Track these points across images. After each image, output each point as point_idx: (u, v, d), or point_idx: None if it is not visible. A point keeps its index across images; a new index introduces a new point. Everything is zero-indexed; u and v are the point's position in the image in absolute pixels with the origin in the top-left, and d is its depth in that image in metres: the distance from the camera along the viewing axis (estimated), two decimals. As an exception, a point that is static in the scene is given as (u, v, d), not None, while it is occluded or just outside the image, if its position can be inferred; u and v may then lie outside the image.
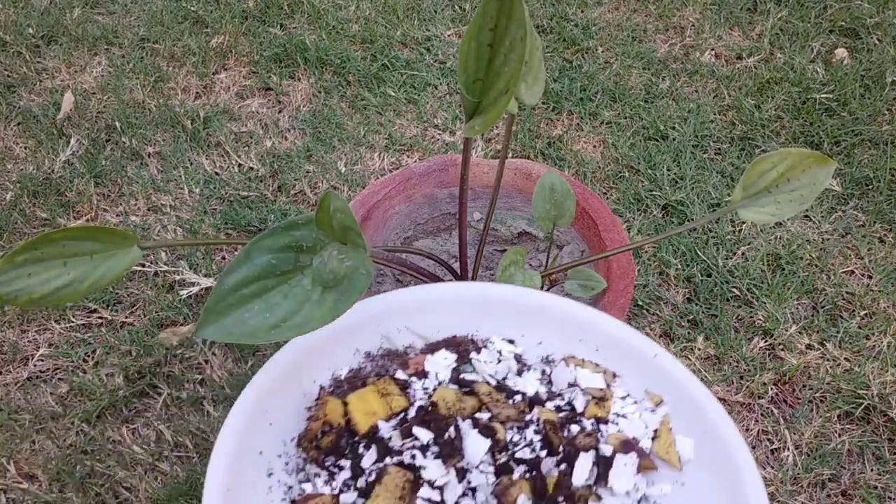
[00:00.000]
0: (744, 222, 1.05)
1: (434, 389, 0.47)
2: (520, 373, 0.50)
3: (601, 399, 0.48)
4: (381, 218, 0.79)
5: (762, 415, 0.87)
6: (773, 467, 0.83)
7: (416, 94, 1.24)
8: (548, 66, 1.30)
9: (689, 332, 0.94)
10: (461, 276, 0.70)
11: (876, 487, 0.82)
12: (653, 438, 0.47)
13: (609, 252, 0.66)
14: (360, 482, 0.42)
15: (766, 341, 0.93)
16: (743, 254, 1.02)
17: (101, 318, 0.96)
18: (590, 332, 0.51)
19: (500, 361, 0.50)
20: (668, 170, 1.12)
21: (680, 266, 1.00)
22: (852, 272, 1.01)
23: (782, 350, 0.92)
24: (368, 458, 0.43)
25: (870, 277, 1.00)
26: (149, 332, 0.94)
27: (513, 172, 0.81)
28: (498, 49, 0.48)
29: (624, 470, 0.44)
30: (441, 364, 0.49)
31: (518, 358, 0.51)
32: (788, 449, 0.84)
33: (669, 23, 1.39)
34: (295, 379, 0.48)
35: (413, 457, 0.42)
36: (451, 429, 0.44)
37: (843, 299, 0.97)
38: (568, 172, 1.12)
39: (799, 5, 1.41)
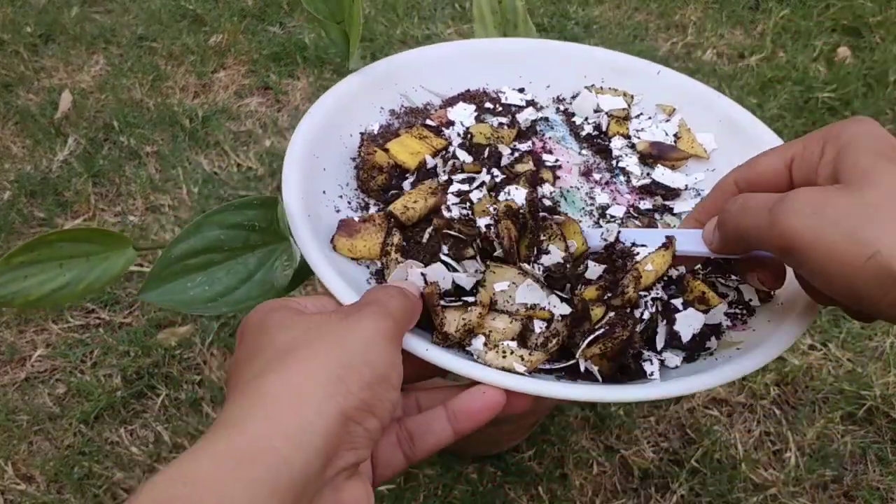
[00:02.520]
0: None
1: (469, 128, 0.51)
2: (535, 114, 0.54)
3: (623, 118, 0.53)
4: (380, 218, 0.78)
5: (764, 416, 0.87)
6: (775, 468, 0.82)
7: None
8: (548, 65, 1.29)
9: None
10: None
11: (878, 489, 0.81)
12: (675, 142, 0.52)
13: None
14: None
15: (768, 342, 0.92)
16: (745, 254, 1.01)
17: (99, 318, 0.95)
18: (591, 66, 0.55)
19: (516, 109, 0.54)
20: (670, 169, 1.11)
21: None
22: (855, 272, 1.00)
23: (784, 350, 0.91)
24: (408, 185, 0.47)
25: (872, 277, 0.99)
26: (147, 333, 0.93)
27: (513, 171, 0.80)
28: None
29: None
30: (463, 114, 0.52)
31: (531, 103, 0.54)
32: (791, 450, 0.83)
33: (671, 21, 1.38)
34: (333, 131, 0.50)
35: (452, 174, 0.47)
36: (489, 150, 0.48)
37: (846, 299, 0.97)
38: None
39: (801, 4, 1.40)
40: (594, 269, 0.41)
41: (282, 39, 1.33)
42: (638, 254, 0.41)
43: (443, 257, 0.40)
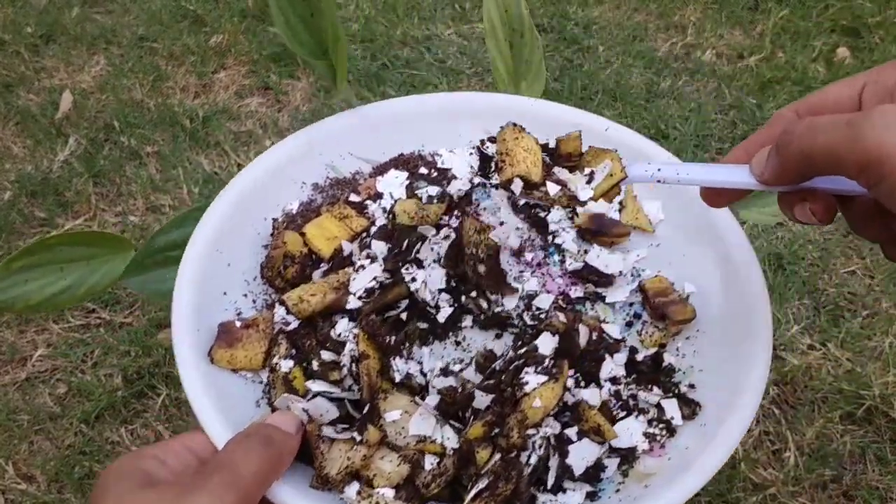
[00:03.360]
0: (744, 222, 1.05)
1: (394, 205, 0.45)
2: (471, 179, 0.48)
3: (566, 185, 0.47)
4: (380, 218, 0.79)
5: (764, 415, 0.87)
6: (774, 468, 0.83)
7: (416, 94, 1.24)
8: (548, 65, 1.29)
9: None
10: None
11: (878, 488, 0.81)
12: (619, 211, 0.47)
13: (610, 252, 0.66)
14: None
15: (767, 342, 0.92)
16: (744, 254, 1.01)
17: (99, 318, 0.95)
18: (538, 122, 0.49)
19: (452, 174, 0.48)
20: (669, 169, 1.11)
21: (681, 266, 1.00)
22: (854, 272, 1.00)
23: (784, 350, 0.91)
24: (319, 275, 0.43)
25: (872, 277, 0.99)
26: (147, 333, 0.93)
27: (513, 172, 0.80)
28: (318, 14, 0.51)
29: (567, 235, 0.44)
30: (393, 183, 0.48)
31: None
32: (790, 450, 0.84)
33: (670, 22, 1.38)
34: (245, 217, 0.46)
35: (363, 266, 0.42)
36: (412, 237, 0.43)
37: (845, 299, 0.97)
38: (568, 172, 1.12)
39: (800, 4, 1.41)
40: (481, 400, 0.38)
41: (282, 40, 1.33)
42: (527, 383, 0.37)
43: (320, 387, 0.38)
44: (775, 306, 0.95)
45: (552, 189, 0.43)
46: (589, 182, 0.43)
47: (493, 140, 0.44)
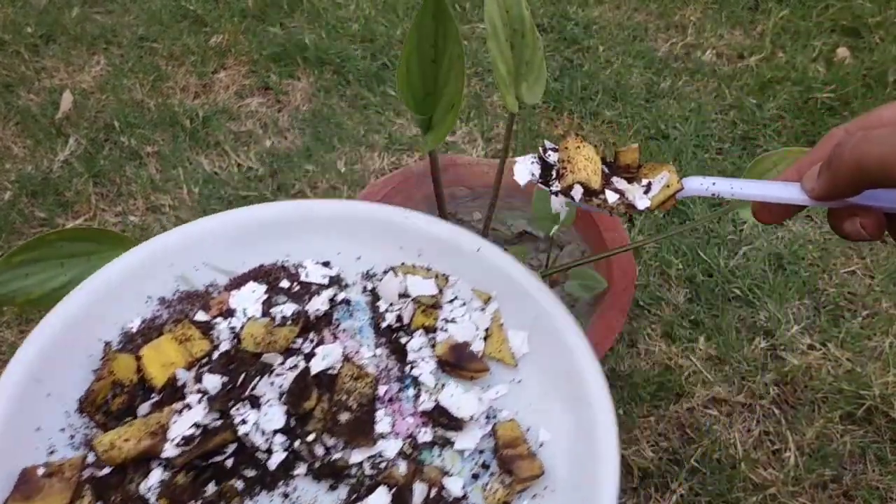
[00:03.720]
0: (745, 222, 1.05)
1: (242, 327, 0.42)
2: (335, 295, 0.46)
3: (431, 306, 0.45)
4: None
5: (764, 415, 0.87)
6: (774, 468, 0.83)
7: (416, 94, 1.24)
8: (549, 66, 1.29)
9: (690, 333, 0.93)
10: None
11: (878, 488, 0.81)
12: (485, 338, 0.44)
13: (610, 252, 0.66)
14: None
15: (767, 342, 0.93)
16: (744, 254, 1.01)
17: (99, 318, 0.95)
18: (408, 237, 0.48)
19: (316, 288, 0.46)
20: (669, 169, 1.11)
21: (681, 266, 1.00)
22: (854, 272, 1.00)
23: (784, 350, 0.91)
24: (145, 409, 0.39)
25: (872, 277, 0.99)
26: (147, 333, 0.93)
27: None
28: (440, 65, 0.48)
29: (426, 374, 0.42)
30: (249, 298, 0.44)
31: (336, 279, 0.47)
32: (790, 449, 0.84)
33: (670, 22, 1.38)
34: (77, 338, 0.42)
35: (189, 405, 0.39)
36: (252, 369, 0.40)
37: (845, 299, 0.97)
38: (568, 172, 1.12)
39: (800, 4, 1.41)
40: None
41: (282, 40, 1.33)
42: None
43: None
44: (775, 306, 0.95)
45: (611, 197, 0.41)
46: (646, 192, 0.42)
47: (554, 149, 0.44)
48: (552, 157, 0.44)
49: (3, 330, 0.94)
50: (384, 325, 0.45)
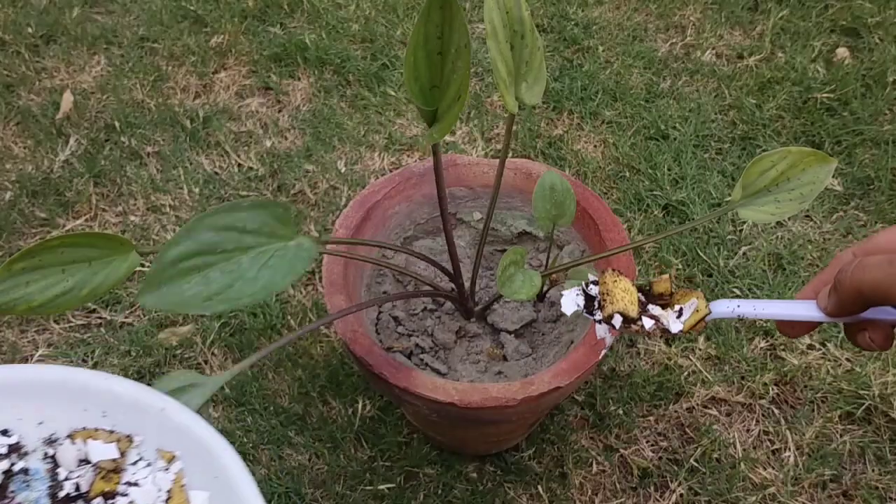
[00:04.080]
0: (745, 222, 1.05)
1: None
2: (13, 465, 0.43)
3: (113, 471, 0.44)
4: (380, 218, 0.79)
5: (763, 415, 0.87)
6: (773, 468, 0.83)
7: (416, 94, 1.24)
8: (548, 66, 1.29)
9: (689, 333, 0.93)
10: (454, 277, 0.70)
11: (877, 488, 0.81)
12: (167, 501, 0.44)
13: (609, 252, 0.66)
14: None
15: (766, 342, 0.93)
16: (744, 254, 1.01)
17: (100, 318, 0.96)
18: (92, 398, 0.46)
19: None
20: (669, 169, 1.12)
21: (681, 266, 1.00)
22: (853, 272, 1.00)
23: (783, 350, 0.92)
24: None
25: (871, 277, 0.99)
26: (148, 333, 0.93)
27: (513, 172, 0.80)
28: (446, 57, 0.49)
29: None
30: None
31: (16, 447, 0.44)
32: (789, 449, 0.84)
33: (670, 22, 1.39)
34: None
35: None
36: None
37: (845, 299, 0.97)
38: (568, 172, 1.12)
39: (800, 4, 1.41)
40: None
41: (283, 40, 1.33)
42: None
43: None
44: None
45: (647, 323, 0.47)
46: (679, 317, 0.47)
47: (595, 282, 0.49)
48: (594, 290, 0.49)
49: (3, 330, 0.94)
50: (62, 494, 0.43)
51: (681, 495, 0.81)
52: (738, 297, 0.97)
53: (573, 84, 1.25)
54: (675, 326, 0.47)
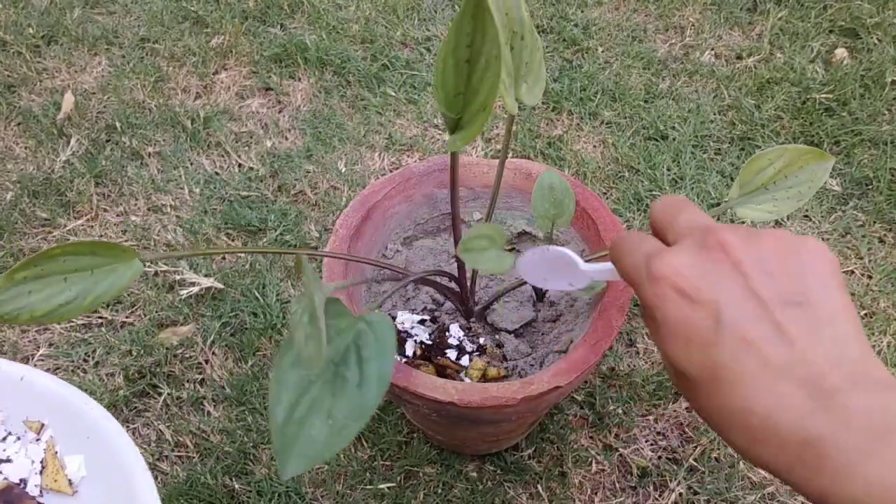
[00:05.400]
0: (743, 222, 1.05)
1: None
2: None
3: None
4: (381, 218, 0.79)
5: (762, 414, 0.87)
6: (772, 467, 0.83)
7: (416, 94, 1.24)
8: (548, 66, 1.30)
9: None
10: (458, 278, 0.70)
11: (875, 487, 0.82)
12: (41, 471, 0.43)
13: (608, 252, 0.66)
14: None
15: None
16: (743, 253, 1.02)
17: (101, 318, 0.96)
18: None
19: None
20: (668, 170, 1.12)
21: (680, 266, 1.00)
22: (852, 272, 1.01)
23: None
24: None
25: (870, 277, 1.00)
26: (149, 332, 0.94)
27: (512, 172, 0.81)
28: (475, 65, 0.48)
29: None
30: None
31: None
32: (788, 448, 0.84)
33: (669, 23, 1.39)
34: None
35: None
36: None
37: (843, 299, 0.97)
38: (568, 172, 1.13)
39: (799, 5, 1.41)
40: None
41: (283, 41, 1.33)
42: None
43: None
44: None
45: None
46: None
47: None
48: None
49: (4, 330, 0.94)
50: None
51: (680, 494, 0.81)
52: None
53: (573, 84, 1.25)
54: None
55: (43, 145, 1.17)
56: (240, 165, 1.14)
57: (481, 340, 0.78)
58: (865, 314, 0.96)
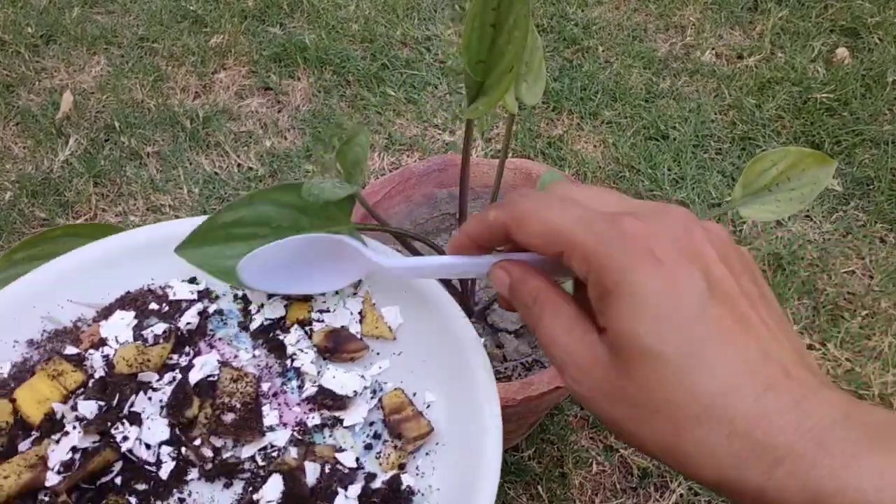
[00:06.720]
0: (744, 222, 1.05)
1: (115, 353, 0.43)
2: (206, 308, 0.46)
3: (303, 300, 0.46)
4: (380, 218, 0.79)
5: (763, 415, 0.87)
6: (773, 468, 0.83)
7: (415, 94, 1.24)
8: (548, 66, 1.30)
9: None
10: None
11: (877, 488, 0.81)
12: (360, 321, 0.46)
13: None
14: None
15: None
16: (743, 254, 1.01)
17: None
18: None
19: (186, 305, 0.46)
20: (669, 169, 1.12)
21: (680, 266, 1.00)
22: (853, 272, 1.00)
23: None
24: (25, 446, 0.39)
25: (871, 277, 0.99)
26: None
27: (513, 172, 0.80)
28: (501, 28, 0.47)
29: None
30: (119, 326, 0.45)
31: (205, 293, 0.47)
32: (789, 449, 0.84)
33: (670, 22, 1.39)
34: None
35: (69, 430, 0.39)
36: (128, 388, 0.41)
37: (845, 299, 0.97)
38: (568, 172, 1.12)
39: (800, 5, 1.41)
40: None
41: (282, 40, 1.33)
42: None
43: None
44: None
45: None
46: None
47: None
48: None
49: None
50: (258, 326, 0.46)
51: (681, 495, 0.80)
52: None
53: (573, 84, 1.25)
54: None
55: (41, 145, 1.17)
56: (239, 165, 1.14)
57: (482, 341, 0.77)
58: (867, 314, 0.95)
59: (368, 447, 0.41)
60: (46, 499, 0.37)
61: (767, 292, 0.28)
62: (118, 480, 0.38)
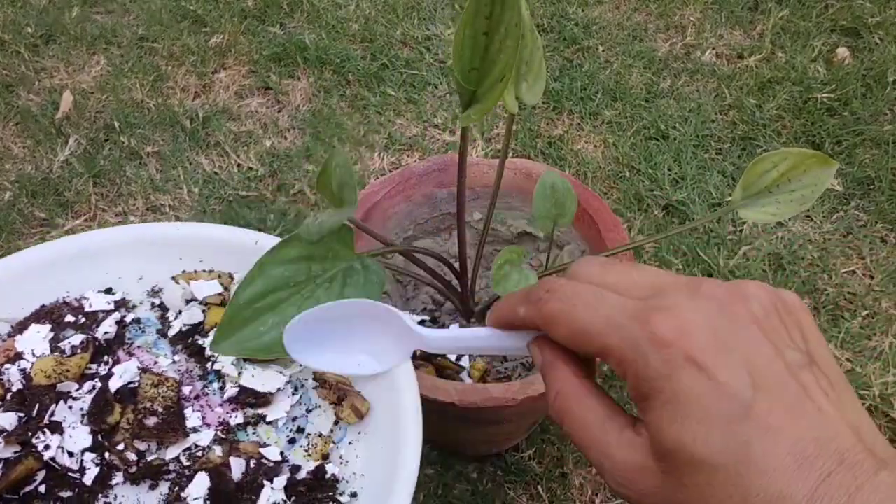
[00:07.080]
0: (745, 222, 1.05)
1: (32, 366, 0.43)
2: (123, 317, 0.47)
3: (220, 304, 0.47)
4: (380, 218, 0.79)
5: (763, 415, 0.87)
6: (774, 468, 0.83)
7: (415, 94, 1.24)
8: (548, 66, 1.29)
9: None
10: (461, 274, 0.70)
11: (878, 488, 0.81)
12: None
13: (610, 252, 0.66)
14: None
15: (767, 342, 0.92)
16: (744, 254, 1.01)
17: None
18: (186, 247, 0.49)
19: (103, 316, 0.47)
20: (669, 169, 1.11)
21: (681, 266, 1.00)
22: (854, 272, 1.00)
23: (783, 350, 0.91)
24: None
25: (871, 277, 0.99)
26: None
27: (513, 172, 0.80)
28: (493, 37, 0.47)
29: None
30: (35, 339, 0.45)
31: (122, 302, 0.48)
32: (790, 450, 0.84)
33: (670, 22, 1.38)
34: None
35: None
36: (47, 398, 0.41)
37: (845, 299, 0.97)
38: (568, 172, 1.12)
39: (800, 4, 1.41)
40: None
41: (282, 40, 1.33)
42: None
43: None
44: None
45: None
46: None
47: None
48: None
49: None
50: (176, 332, 0.47)
51: (681, 496, 0.80)
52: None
53: (573, 84, 1.25)
54: None
55: (41, 145, 1.17)
56: (239, 165, 1.14)
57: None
58: (867, 315, 0.95)
59: (292, 441, 0.42)
60: None
61: (819, 351, 0.27)
62: (42, 489, 0.38)
